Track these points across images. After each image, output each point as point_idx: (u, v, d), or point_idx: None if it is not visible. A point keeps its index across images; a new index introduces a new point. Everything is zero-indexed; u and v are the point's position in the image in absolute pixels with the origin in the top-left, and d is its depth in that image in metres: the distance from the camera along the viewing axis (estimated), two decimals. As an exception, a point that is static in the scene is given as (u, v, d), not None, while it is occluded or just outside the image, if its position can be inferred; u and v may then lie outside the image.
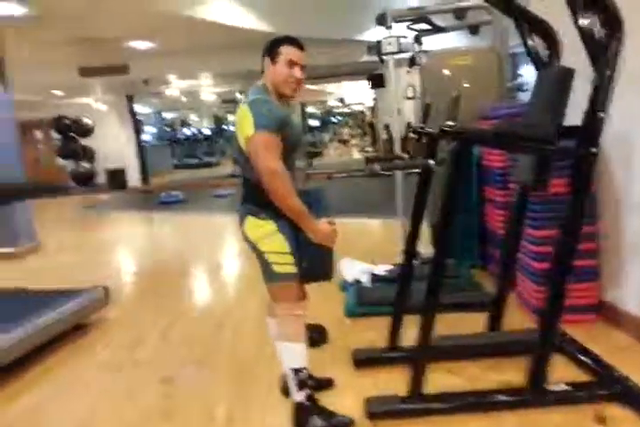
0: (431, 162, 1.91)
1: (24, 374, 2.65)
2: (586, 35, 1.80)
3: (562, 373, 2.16)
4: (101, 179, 12.44)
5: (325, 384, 2.22)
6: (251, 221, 1.88)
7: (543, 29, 2.15)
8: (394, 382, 2.13)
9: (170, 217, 8.04)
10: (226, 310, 3.45)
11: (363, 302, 3.05)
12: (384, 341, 2.44)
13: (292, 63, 1.85)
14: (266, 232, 1.86)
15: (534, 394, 1.96)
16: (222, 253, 5.44)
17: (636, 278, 2.54)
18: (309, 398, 1.96)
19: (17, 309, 2.97)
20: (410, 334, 2.41)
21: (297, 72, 1.87)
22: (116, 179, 12.10)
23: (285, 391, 2.12)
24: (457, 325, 2.67)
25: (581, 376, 2.16)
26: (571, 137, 1.93)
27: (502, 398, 1.97)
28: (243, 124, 1.79)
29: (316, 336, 2.67)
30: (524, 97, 8.75)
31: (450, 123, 1.84)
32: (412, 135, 2.45)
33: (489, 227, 3.65)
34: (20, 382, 2.57)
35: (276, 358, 2.04)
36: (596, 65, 1.80)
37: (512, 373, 2.20)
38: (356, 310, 3.00)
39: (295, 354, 1.93)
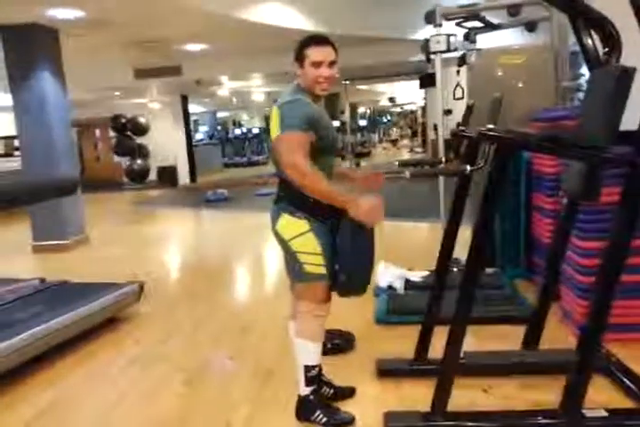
0: (467, 167, 1.80)
1: (55, 364, 2.71)
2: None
3: (605, 397, 2.01)
4: (153, 176, 12.82)
5: (347, 394, 2.15)
6: (285, 218, 1.88)
7: (602, 26, 1.98)
8: (418, 396, 2.02)
9: (214, 215, 8.17)
10: (256, 311, 3.43)
11: (394, 309, 2.95)
12: (412, 352, 2.33)
13: (317, 64, 1.86)
14: (299, 231, 1.86)
15: (569, 419, 1.80)
16: (260, 252, 5.45)
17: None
18: (315, 392, 1.99)
19: (55, 300, 3.06)
20: (441, 346, 2.30)
21: (324, 71, 1.87)
22: (167, 176, 12.42)
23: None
24: (494, 338, 2.54)
25: (625, 402, 1.99)
26: (627, 143, 1.77)
27: (533, 420, 1.84)
28: (272, 125, 1.86)
29: (343, 343, 2.59)
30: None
31: (490, 126, 1.72)
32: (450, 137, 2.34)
33: (536, 235, 3.46)
34: (51, 372, 2.64)
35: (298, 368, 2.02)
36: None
37: (549, 393, 2.05)
38: (387, 318, 2.90)
39: (310, 352, 1.96)
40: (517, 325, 2.47)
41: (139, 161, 12.66)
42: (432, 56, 3.81)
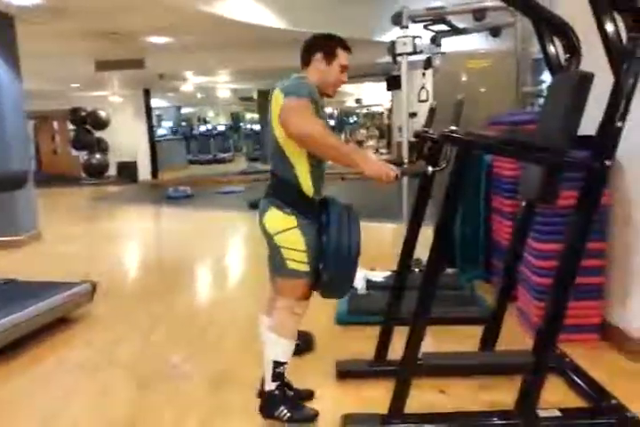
0: (429, 168, 1.80)
1: (0, 367, 2.57)
2: (609, 38, 1.67)
3: (558, 397, 2.04)
4: (113, 171, 12.47)
5: (305, 396, 2.12)
6: (274, 212, 1.86)
7: (564, 32, 2.02)
8: (378, 397, 2.00)
9: (175, 212, 7.99)
10: (215, 312, 3.34)
11: (355, 310, 2.93)
12: (373, 352, 2.32)
13: (344, 68, 1.90)
14: (286, 226, 1.84)
15: (524, 419, 1.82)
16: (222, 251, 5.35)
17: (645, 301, 2.40)
18: (280, 388, 1.95)
19: (1, 300, 2.90)
20: (401, 346, 2.30)
21: (345, 77, 1.92)
22: (127, 172, 12.11)
23: (261, 395, 2.05)
24: (452, 339, 2.55)
25: (578, 402, 2.03)
26: (585, 147, 1.80)
27: (489, 421, 1.85)
28: (274, 104, 1.80)
29: (303, 344, 2.55)
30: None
31: (453, 127, 1.72)
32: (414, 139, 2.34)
33: (495, 238, 3.51)
34: (-4, 374, 2.51)
35: (259, 365, 1.96)
36: (618, 71, 1.67)
37: (504, 393, 2.07)
38: (348, 318, 2.88)
39: (281, 348, 1.94)
40: (475, 325, 2.50)
41: (97, 155, 12.30)
42: (398, 58, 3.82)
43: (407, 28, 3.82)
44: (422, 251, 2.26)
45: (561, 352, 2.30)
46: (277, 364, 1.93)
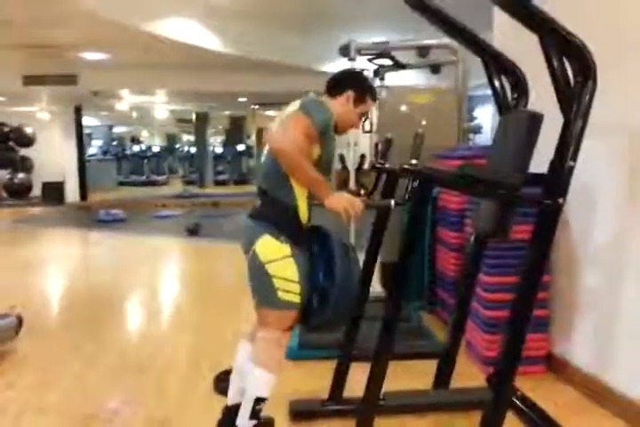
0: (392, 202, 1.78)
1: None
2: (559, 81, 1.74)
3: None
4: (37, 192, 11.72)
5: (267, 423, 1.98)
6: (267, 240, 1.78)
7: (512, 72, 2.10)
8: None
9: (107, 237, 7.56)
10: (154, 348, 3.10)
11: (305, 343, 2.83)
12: (326, 389, 2.23)
13: (363, 115, 1.95)
14: (280, 256, 1.77)
15: (485, 459, 1.79)
16: (158, 281, 5.09)
17: (586, 333, 2.48)
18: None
19: None
20: (353, 383, 2.23)
21: (360, 124, 2.00)
22: (53, 193, 11.41)
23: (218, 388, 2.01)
24: (403, 374, 2.50)
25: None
26: (534, 185, 1.85)
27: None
28: (286, 117, 1.78)
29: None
30: (478, 139, 9.01)
31: (413, 161, 1.72)
32: (366, 169, 2.34)
33: (439, 269, 3.55)
34: None
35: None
36: (567, 112, 1.74)
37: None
38: (299, 353, 2.78)
39: (265, 383, 1.84)
40: (426, 360, 2.48)
41: (20, 175, 11.51)
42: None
43: (355, 60, 3.89)
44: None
45: (512, 386, 2.31)
46: (258, 400, 1.82)
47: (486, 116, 7.99)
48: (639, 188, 2.15)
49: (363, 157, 2.93)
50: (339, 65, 4.23)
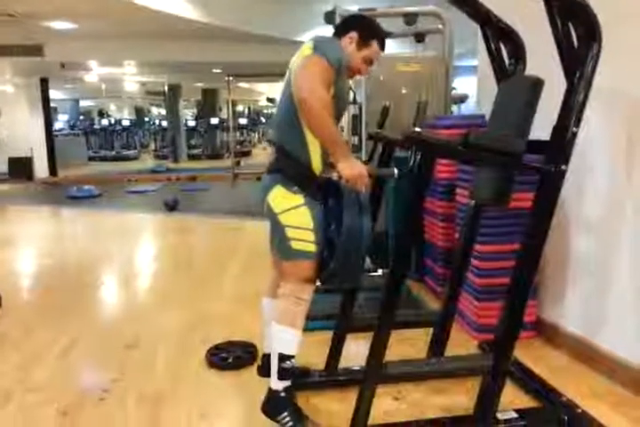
0: (395, 171, 1.74)
1: None
2: (563, 44, 1.70)
3: (509, 397, 2.06)
4: (4, 168, 11.29)
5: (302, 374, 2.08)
6: (280, 190, 1.78)
7: (511, 38, 2.05)
8: (332, 409, 1.94)
9: (81, 214, 7.36)
10: (139, 326, 3.01)
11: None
12: (318, 361, 2.22)
13: (369, 61, 1.86)
14: (292, 205, 1.76)
15: (484, 424, 1.82)
16: (137, 257, 4.98)
17: (576, 297, 2.52)
18: (287, 390, 1.85)
19: None
20: (346, 354, 2.23)
21: (365, 70, 1.89)
22: (21, 169, 11.01)
23: (261, 372, 2.04)
24: (397, 343, 2.52)
25: (527, 401, 2.07)
26: (536, 152, 1.83)
27: (452, 428, 1.82)
28: (298, 57, 1.74)
29: (246, 356, 2.41)
30: (456, 109, 8.96)
31: (417, 129, 1.67)
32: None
33: (428, 239, 3.56)
34: None
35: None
36: (571, 78, 1.70)
37: (458, 397, 2.09)
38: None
39: (287, 339, 1.83)
40: (418, 328, 2.50)
41: (-15, 150, 11.07)
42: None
43: (340, 26, 3.77)
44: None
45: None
46: (283, 357, 1.81)
47: (465, 87, 7.94)
48: (633, 153, 2.16)
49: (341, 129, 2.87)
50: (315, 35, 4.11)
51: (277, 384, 1.84)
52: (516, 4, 2.50)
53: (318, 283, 1.88)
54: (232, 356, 2.40)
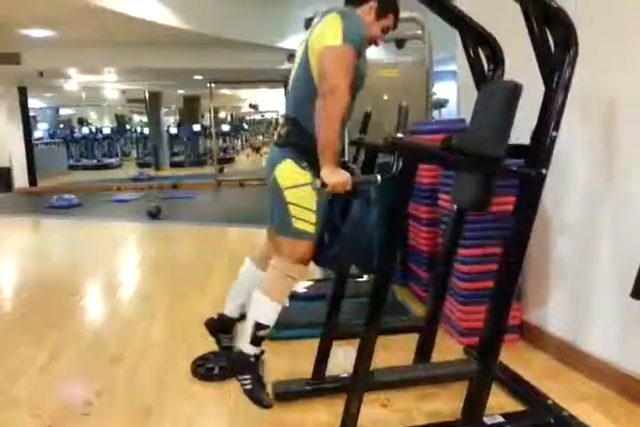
0: (378, 177, 1.74)
1: None
2: (540, 50, 1.72)
3: (493, 401, 2.06)
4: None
5: None
6: (288, 164, 1.75)
7: (489, 43, 2.08)
8: (322, 418, 1.91)
9: (62, 224, 7.23)
10: (123, 338, 2.95)
11: (282, 324, 2.77)
12: (310, 370, 2.20)
13: (386, 30, 1.92)
14: (299, 182, 1.74)
15: (472, 429, 1.82)
16: (119, 267, 4.90)
17: (559, 299, 2.54)
18: (257, 357, 1.90)
19: None
20: (334, 361, 2.22)
21: (382, 38, 1.95)
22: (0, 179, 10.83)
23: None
24: (381, 349, 2.51)
25: (512, 404, 2.07)
26: (516, 157, 1.85)
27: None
28: (326, 32, 1.70)
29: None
30: (437, 114, 9.04)
31: (399, 135, 1.67)
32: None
33: (411, 243, 3.57)
34: None
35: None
36: (549, 82, 1.72)
37: (446, 403, 2.08)
38: (277, 333, 2.73)
39: (267, 310, 1.85)
40: (404, 334, 2.49)
41: (-38, 160, 10.86)
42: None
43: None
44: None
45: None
46: (259, 326, 1.84)
47: (445, 91, 8.02)
48: (612, 156, 2.19)
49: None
50: (296, 41, 4.11)
51: (249, 349, 1.87)
52: (493, 9, 2.53)
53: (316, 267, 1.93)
54: (217, 366, 2.37)
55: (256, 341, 1.86)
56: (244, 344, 1.88)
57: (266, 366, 2.44)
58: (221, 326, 2.10)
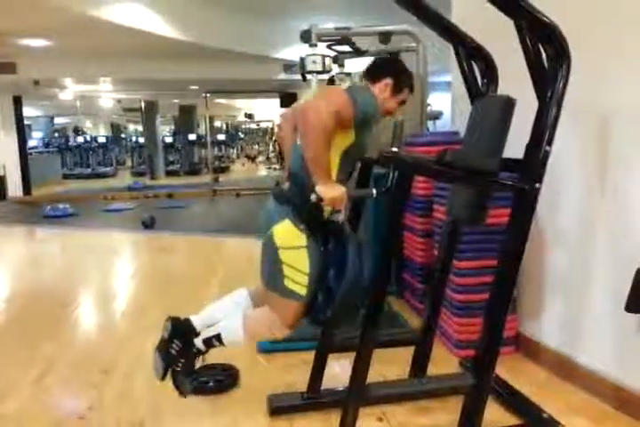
0: (373, 191, 1.75)
1: None
2: (534, 65, 1.74)
3: (488, 414, 2.05)
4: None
5: None
6: (287, 225, 1.78)
7: (482, 57, 2.10)
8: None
9: (56, 233, 7.18)
10: (116, 349, 2.93)
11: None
12: (304, 383, 2.19)
13: (401, 103, 1.99)
14: (295, 244, 1.76)
15: (469, 443, 1.81)
16: (113, 278, 4.88)
17: (555, 312, 2.55)
18: (200, 354, 1.96)
19: None
20: (329, 374, 2.21)
21: (397, 110, 2.00)
22: (-6, 187, 10.78)
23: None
24: (378, 362, 2.50)
25: (507, 418, 2.07)
26: (509, 170, 1.86)
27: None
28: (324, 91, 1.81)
29: (227, 379, 2.36)
30: (432, 126, 9.06)
31: (394, 149, 1.68)
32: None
33: (407, 255, 3.57)
34: None
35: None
36: (543, 97, 1.74)
37: (442, 416, 2.07)
38: (272, 346, 2.72)
39: (234, 337, 1.92)
40: (399, 347, 2.48)
41: (-44, 169, 10.80)
42: (308, 76, 3.79)
43: (316, 46, 3.81)
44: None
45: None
46: (218, 339, 1.91)
47: (439, 102, 8.05)
48: (605, 168, 2.21)
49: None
50: (292, 52, 4.14)
51: (199, 343, 1.95)
52: (487, 24, 2.56)
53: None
54: (212, 379, 2.35)
55: (208, 344, 1.94)
56: (197, 340, 1.95)
57: (261, 378, 2.44)
58: (182, 331, 2.03)
